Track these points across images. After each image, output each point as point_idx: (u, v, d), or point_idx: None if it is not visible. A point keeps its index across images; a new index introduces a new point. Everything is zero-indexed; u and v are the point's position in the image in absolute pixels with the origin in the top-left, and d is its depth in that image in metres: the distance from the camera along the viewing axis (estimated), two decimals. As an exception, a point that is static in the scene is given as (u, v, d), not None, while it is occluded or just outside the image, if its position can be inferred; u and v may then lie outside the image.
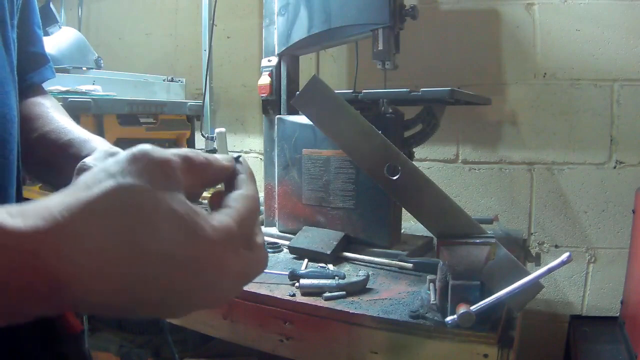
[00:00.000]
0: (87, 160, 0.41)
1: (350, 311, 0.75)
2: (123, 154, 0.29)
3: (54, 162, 0.53)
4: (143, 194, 0.27)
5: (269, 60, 1.20)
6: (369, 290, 0.84)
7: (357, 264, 0.98)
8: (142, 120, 1.42)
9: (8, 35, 0.49)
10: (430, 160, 1.59)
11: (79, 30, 1.97)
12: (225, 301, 0.31)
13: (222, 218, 0.30)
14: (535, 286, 0.65)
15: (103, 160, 0.41)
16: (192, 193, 0.32)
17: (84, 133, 0.54)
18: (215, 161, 0.34)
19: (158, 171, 0.29)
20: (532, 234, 1.50)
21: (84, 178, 0.28)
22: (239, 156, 0.36)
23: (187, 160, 0.31)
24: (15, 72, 0.50)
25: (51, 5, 1.66)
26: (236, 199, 0.33)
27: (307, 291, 0.81)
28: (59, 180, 0.55)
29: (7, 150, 0.47)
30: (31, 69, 0.60)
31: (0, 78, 0.47)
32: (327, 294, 0.80)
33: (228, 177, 0.35)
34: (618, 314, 1.31)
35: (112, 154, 0.43)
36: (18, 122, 0.50)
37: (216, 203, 0.35)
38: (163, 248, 0.27)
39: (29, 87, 0.60)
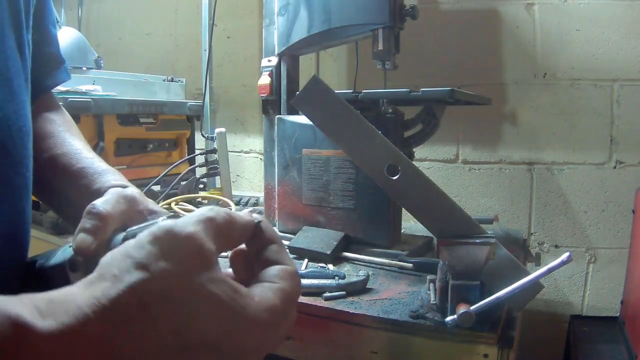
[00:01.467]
0: (98, 204, 0.39)
1: (350, 311, 0.75)
2: (144, 235, 0.27)
3: (62, 189, 0.50)
4: (177, 281, 0.25)
5: (269, 60, 1.20)
6: (369, 290, 0.83)
7: (357, 264, 0.98)
8: (142, 120, 1.42)
9: (23, 38, 0.45)
10: (430, 160, 1.59)
11: (79, 30, 1.96)
12: None
13: (267, 296, 0.29)
14: (535, 286, 0.65)
15: (114, 205, 0.39)
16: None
17: (97, 162, 0.51)
18: (238, 217, 0.32)
19: (187, 250, 0.26)
20: (532, 234, 1.50)
21: (107, 265, 0.26)
22: (260, 221, 0.34)
23: (211, 224, 0.29)
24: (29, 78, 0.47)
25: (51, 5, 1.66)
26: (282, 277, 0.30)
27: (307, 291, 0.81)
28: (62, 207, 0.52)
29: (24, 167, 0.44)
30: (46, 72, 0.57)
31: (15, 86, 0.43)
32: (327, 294, 0.80)
33: (251, 236, 0.33)
34: (618, 314, 1.31)
35: (125, 196, 0.41)
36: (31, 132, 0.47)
37: (240, 264, 0.33)
38: (208, 340, 0.25)
39: (42, 93, 0.57)
